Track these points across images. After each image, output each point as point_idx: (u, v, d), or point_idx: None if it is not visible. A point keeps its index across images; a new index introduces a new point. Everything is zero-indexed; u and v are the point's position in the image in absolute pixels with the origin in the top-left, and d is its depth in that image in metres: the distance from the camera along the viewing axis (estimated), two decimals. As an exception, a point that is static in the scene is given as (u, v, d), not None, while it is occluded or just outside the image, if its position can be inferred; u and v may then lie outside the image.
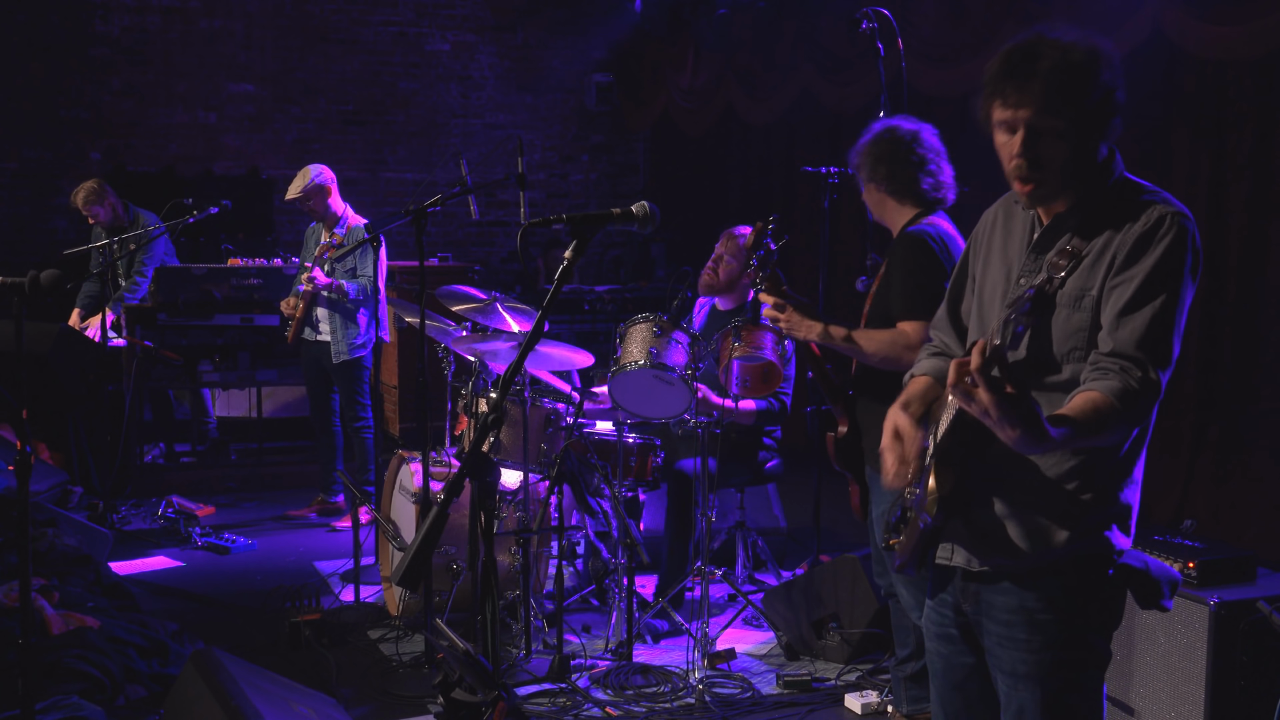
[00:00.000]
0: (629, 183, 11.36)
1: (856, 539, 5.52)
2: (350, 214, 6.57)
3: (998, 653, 2.34)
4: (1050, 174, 2.22)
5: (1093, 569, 2.29)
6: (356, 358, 6.52)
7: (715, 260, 5.16)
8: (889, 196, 3.70)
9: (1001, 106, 2.21)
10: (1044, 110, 2.17)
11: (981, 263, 2.46)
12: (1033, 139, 2.20)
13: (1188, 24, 5.38)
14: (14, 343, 3.10)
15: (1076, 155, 2.22)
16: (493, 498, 2.43)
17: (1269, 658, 3.55)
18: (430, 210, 4.57)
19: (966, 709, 2.47)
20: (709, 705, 4.18)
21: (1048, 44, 2.18)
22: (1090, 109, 2.19)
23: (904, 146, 3.64)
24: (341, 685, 4.36)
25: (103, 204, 7.29)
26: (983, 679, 2.43)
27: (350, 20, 10.23)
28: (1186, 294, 2.22)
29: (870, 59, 5.26)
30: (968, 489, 2.27)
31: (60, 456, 6.79)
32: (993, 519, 2.30)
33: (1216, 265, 5.54)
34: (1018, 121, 2.20)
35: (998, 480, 2.30)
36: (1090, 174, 2.26)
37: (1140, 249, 2.19)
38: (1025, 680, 2.29)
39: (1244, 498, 5.43)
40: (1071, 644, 2.29)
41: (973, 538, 2.33)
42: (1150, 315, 2.17)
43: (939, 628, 2.49)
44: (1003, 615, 2.32)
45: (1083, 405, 2.12)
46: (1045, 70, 2.15)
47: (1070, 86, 2.16)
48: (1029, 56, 2.17)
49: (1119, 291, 2.19)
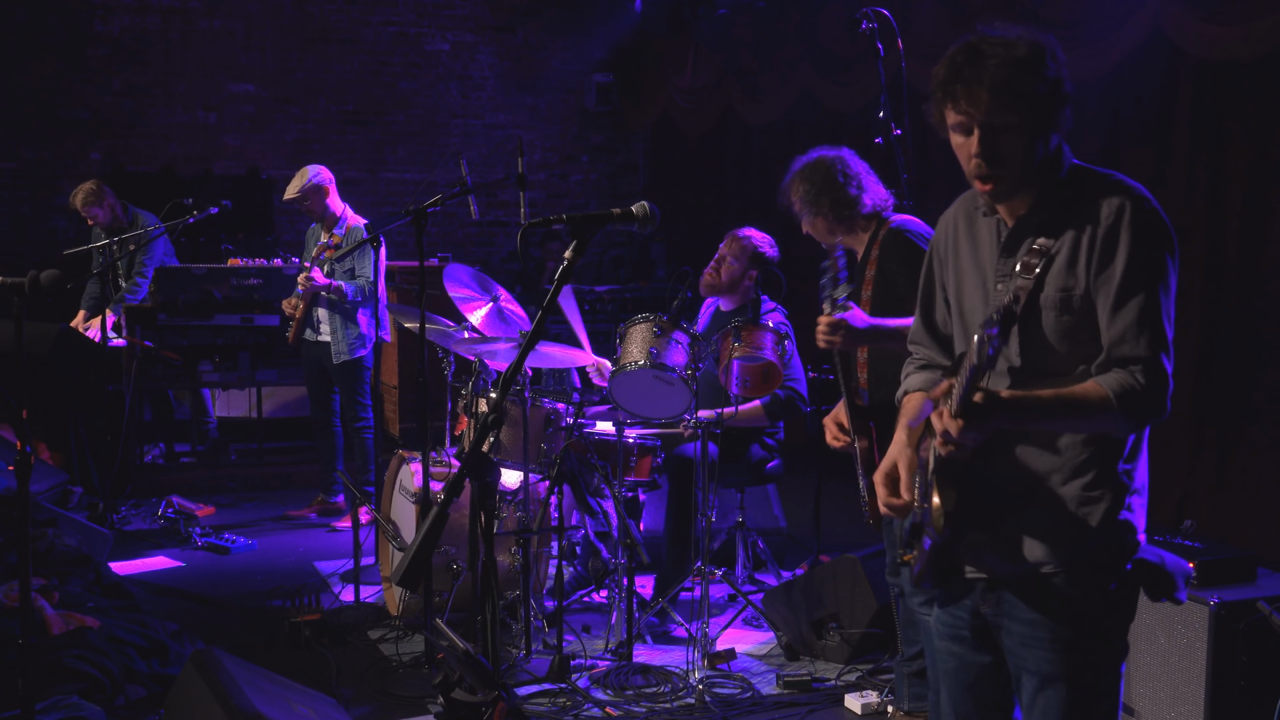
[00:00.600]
0: (629, 183, 11.36)
1: (856, 539, 5.51)
2: (349, 214, 6.57)
3: (1021, 653, 2.35)
4: (1010, 170, 2.25)
5: (1111, 565, 2.32)
6: (357, 358, 6.52)
7: (718, 261, 5.16)
8: (838, 225, 3.79)
9: (954, 110, 2.24)
10: (996, 108, 2.19)
11: (952, 273, 2.48)
12: (989, 137, 2.22)
13: (1188, 24, 5.37)
14: (14, 343, 3.10)
15: (1032, 148, 2.24)
16: (493, 498, 2.43)
17: (1269, 658, 3.55)
18: (430, 210, 4.57)
19: (978, 710, 2.48)
20: (709, 705, 4.18)
21: (990, 43, 2.20)
22: (1041, 101, 2.21)
23: (836, 173, 3.74)
24: (341, 685, 4.36)
25: (101, 205, 7.29)
26: (995, 680, 2.44)
27: (350, 20, 10.22)
28: (1169, 275, 2.24)
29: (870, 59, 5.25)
30: (976, 500, 2.28)
31: (60, 456, 6.78)
32: (1010, 528, 2.32)
33: (1216, 265, 5.54)
34: (972, 122, 2.23)
35: (1011, 490, 2.32)
36: (1046, 168, 2.29)
37: (1111, 244, 2.22)
38: (1051, 679, 2.31)
39: (1244, 498, 5.43)
40: (1094, 640, 2.31)
41: (993, 548, 2.34)
42: (1138, 310, 2.20)
43: (951, 629, 2.49)
44: (1025, 616, 2.33)
45: (1071, 390, 2.19)
46: (993, 68, 2.17)
47: (1019, 81, 2.18)
48: (974, 57, 2.19)
49: (1104, 293, 2.22)
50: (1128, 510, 2.31)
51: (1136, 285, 2.20)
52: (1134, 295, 2.20)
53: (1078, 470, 2.28)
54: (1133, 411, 2.19)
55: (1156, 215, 2.25)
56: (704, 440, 4.58)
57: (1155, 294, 2.21)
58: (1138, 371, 2.18)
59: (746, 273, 5.11)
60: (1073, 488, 2.28)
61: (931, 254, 2.56)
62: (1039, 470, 2.30)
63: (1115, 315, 2.21)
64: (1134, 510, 2.32)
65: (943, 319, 2.54)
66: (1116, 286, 2.20)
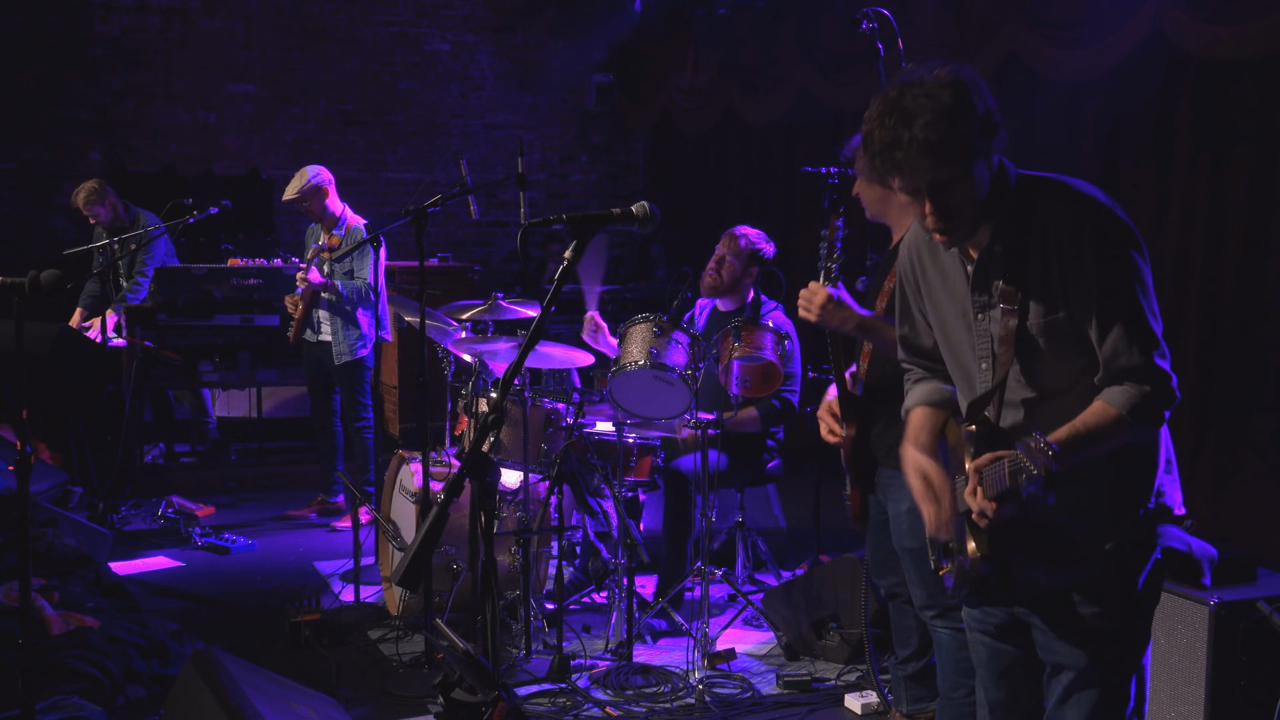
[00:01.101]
0: (629, 183, 11.35)
1: (856, 539, 5.51)
2: (349, 214, 6.57)
3: (1055, 646, 2.39)
4: (966, 215, 2.25)
5: (1142, 556, 2.37)
6: (359, 358, 6.52)
7: (718, 261, 5.12)
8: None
9: (900, 177, 2.21)
10: (937, 168, 2.17)
11: (927, 299, 2.50)
12: (938, 195, 2.21)
13: (1188, 24, 5.37)
14: (14, 343, 3.10)
15: (979, 185, 2.23)
16: (493, 498, 2.43)
17: (1269, 658, 3.55)
18: (430, 210, 4.57)
19: (1011, 698, 2.52)
20: (709, 705, 4.18)
21: (913, 95, 2.16)
22: (976, 141, 2.18)
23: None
24: (341, 685, 4.36)
25: (103, 204, 7.29)
26: (1026, 667, 2.49)
27: (350, 20, 10.22)
28: (1141, 270, 2.24)
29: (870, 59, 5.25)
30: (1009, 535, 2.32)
31: (60, 456, 6.78)
32: (1048, 541, 2.35)
33: (1216, 265, 5.54)
34: (920, 187, 2.21)
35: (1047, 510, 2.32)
36: (994, 192, 2.27)
37: (1075, 259, 2.21)
38: (1085, 670, 2.36)
39: (1244, 498, 5.43)
40: (1125, 632, 2.36)
41: (1041, 563, 2.37)
42: (1123, 320, 2.21)
43: (980, 624, 2.54)
44: (1059, 611, 2.37)
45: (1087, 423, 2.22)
46: (921, 130, 2.14)
47: (954, 132, 2.15)
48: (905, 119, 2.15)
49: (1084, 311, 2.23)
50: (1158, 496, 2.36)
51: (1113, 295, 2.21)
52: (1114, 305, 2.21)
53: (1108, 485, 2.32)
54: (1148, 418, 2.23)
55: (1109, 214, 2.23)
56: (704, 442, 4.57)
57: (1134, 297, 2.22)
58: (1140, 381, 2.21)
59: (747, 270, 5.11)
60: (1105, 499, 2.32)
61: (901, 282, 2.58)
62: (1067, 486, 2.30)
63: (1102, 330, 2.22)
64: (1165, 493, 2.37)
65: (929, 341, 2.57)
66: (1096, 302, 2.21)
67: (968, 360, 2.40)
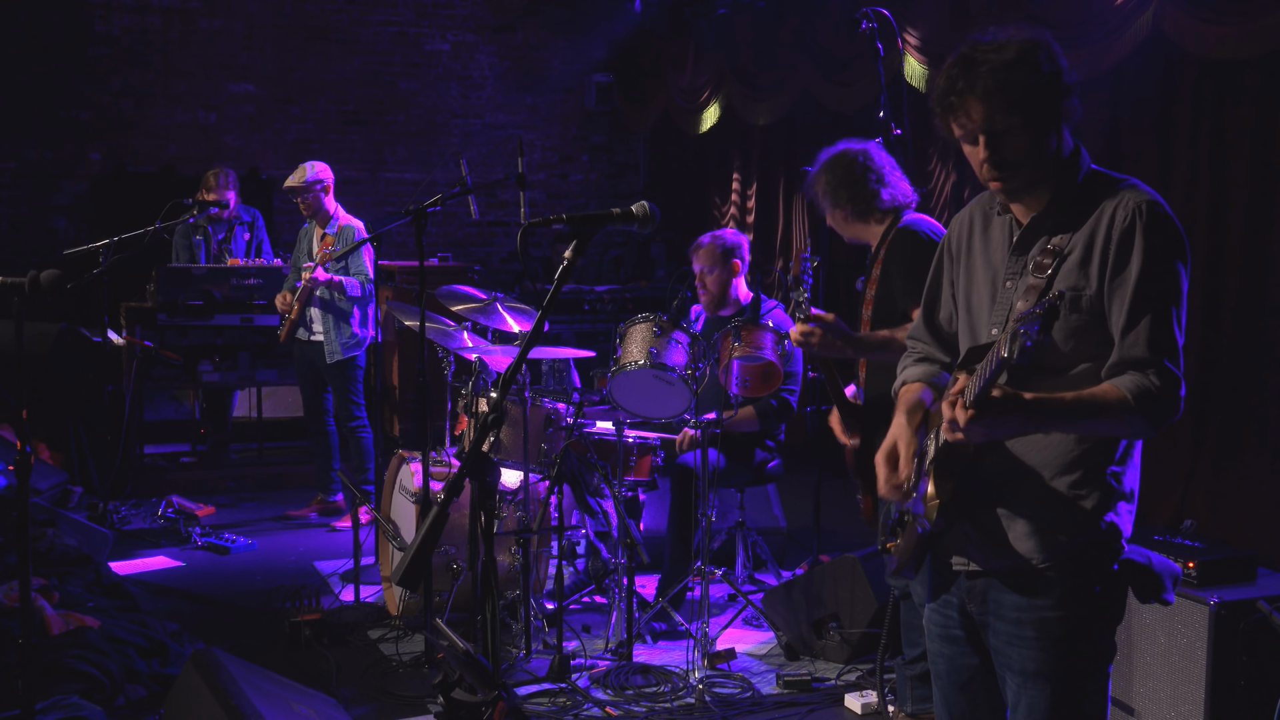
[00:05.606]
0: (629, 183, 11.35)
1: (856, 539, 5.51)
2: (341, 213, 6.56)
3: (1007, 652, 2.36)
4: (1020, 169, 2.29)
5: (1099, 565, 2.32)
6: (350, 357, 6.52)
7: (699, 278, 5.18)
8: (855, 219, 3.84)
9: (956, 123, 2.30)
10: (994, 113, 2.24)
11: (963, 270, 2.49)
12: (994, 142, 2.27)
13: (1188, 24, 5.37)
14: (14, 343, 3.10)
15: (1039, 144, 2.28)
16: (493, 498, 2.43)
17: (1269, 658, 3.55)
18: (430, 210, 4.57)
19: (972, 710, 2.48)
20: (709, 705, 4.18)
21: (981, 49, 2.25)
22: (1037, 97, 2.25)
23: (858, 168, 3.78)
24: (341, 685, 4.36)
25: (235, 189, 7.23)
26: (987, 680, 2.45)
27: (350, 20, 10.22)
28: (1182, 280, 2.27)
29: (870, 59, 5.26)
30: (968, 493, 2.29)
31: (60, 456, 6.78)
32: (998, 521, 2.33)
33: (1217, 265, 5.54)
34: (975, 130, 2.28)
35: (1001, 483, 2.32)
36: (1059, 164, 2.32)
37: (1125, 248, 2.24)
38: (1035, 678, 2.31)
39: (1244, 498, 5.42)
40: (1080, 640, 2.31)
41: (980, 540, 2.35)
42: (1152, 317, 2.22)
43: (942, 629, 2.50)
44: (1011, 614, 2.34)
45: (1091, 391, 2.21)
46: (984, 75, 2.22)
47: (1011, 83, 2.22)
48: (966, 67, 2.25)
49: (1118, 297, 2.24)
50: (1115, 514, 2.32)
51: (1150, 292, 2.22)
52: (1148, 301, 2.22)
53: (1067, 467, 2.30)
54: (1150, 412, 2.21)
55: (1170, 221, 2.27)
56: (704, 442, 4.58)
57: (1168, 302, 2.24)
58: (1151, 374, 2.20)
59: (728, 269, 5.12)
60: (1061, 483, 2.30)
61: (942, 251, 2.57)
62: (1029, 465, 2.31)
63: (1129, 320, 2.22)
64: (1121, 515, 2.33)
65: (947, 317, 2.55)
66: (1131, 292, 2.22)
67: (981, 329, 2.39)
